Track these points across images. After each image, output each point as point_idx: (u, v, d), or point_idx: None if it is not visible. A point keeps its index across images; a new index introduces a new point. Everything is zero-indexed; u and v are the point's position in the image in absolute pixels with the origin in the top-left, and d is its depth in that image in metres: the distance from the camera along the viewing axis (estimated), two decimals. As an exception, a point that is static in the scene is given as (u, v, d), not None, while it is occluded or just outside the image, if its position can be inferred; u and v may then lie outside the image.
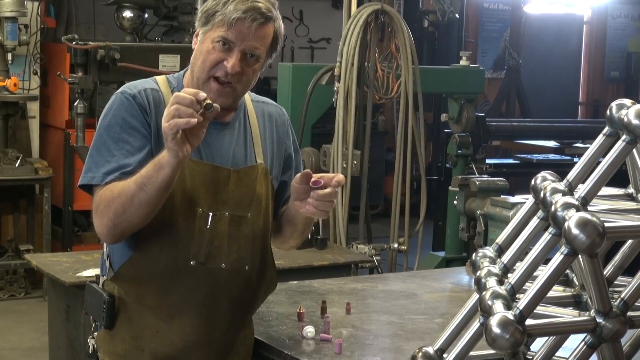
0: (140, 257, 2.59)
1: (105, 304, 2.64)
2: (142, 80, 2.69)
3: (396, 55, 6.11)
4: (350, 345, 2.87)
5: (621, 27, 13.12)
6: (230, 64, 2.55)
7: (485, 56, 12.07)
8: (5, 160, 7.20)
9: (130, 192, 2.43)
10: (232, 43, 2.56)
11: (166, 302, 2.61)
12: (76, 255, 4.88)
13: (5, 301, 7.21)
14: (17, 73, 7.55)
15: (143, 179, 2.42)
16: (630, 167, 2.03)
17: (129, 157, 2.52)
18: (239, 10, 2.53)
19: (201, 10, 2.64)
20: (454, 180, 5.58)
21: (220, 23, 2.55)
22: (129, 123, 2.55)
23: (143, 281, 2.61)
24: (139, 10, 7.74)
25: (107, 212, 2.47)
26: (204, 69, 2.58)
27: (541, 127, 8.58)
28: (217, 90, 2.58)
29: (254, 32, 2.56)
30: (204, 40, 2.60)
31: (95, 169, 2.52)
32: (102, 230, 2.51)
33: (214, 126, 2.63)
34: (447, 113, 6.90)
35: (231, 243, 2.63)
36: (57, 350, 4.56)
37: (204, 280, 2.61)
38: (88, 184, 2.53)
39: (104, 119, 2.59)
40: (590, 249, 1.77)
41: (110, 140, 2.54)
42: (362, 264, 5.31)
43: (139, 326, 2.63)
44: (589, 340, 1.92)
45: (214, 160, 2.63)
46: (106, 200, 2.47)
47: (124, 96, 2.59)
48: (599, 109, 12.58)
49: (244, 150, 2.70)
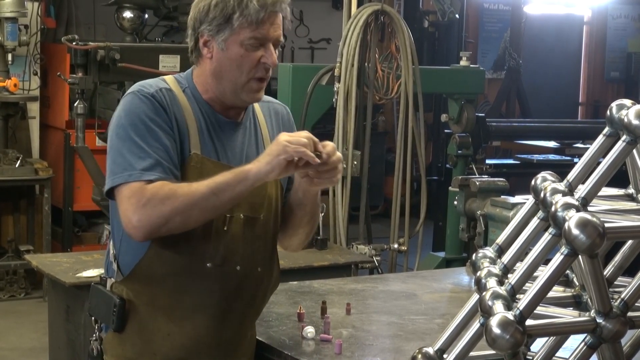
0: (155, 258, 2.56)
1: (116, 307, 2.59)
2: (151, 80, 2.65)
3: (396, 55, 6.11)
4: (351, 345, 2.87)
5: (621, 27, 13.11)
6: (271, 59, 2.55)
7: (485, 56, 12.07)
8: (5, 160, 7.21)
9: (200, 195, 2.42)
10: (264, 39, 2.53)
11: (180, 304, 2.59)
12: (76, 256, 4.88)
13: (6, 302, 7.21)
14: (17, 73, 7.55)
15: (219, 185, 2.42)
16: (630, 167, 2.03)
17: (161, 153, 2.49)
18: (263, 7, 2.50)
19: (207, 20, 2.55)
20: (454, 180, 5.58)
21: (244, 24, 2.51)
22: (154, 121, 2.51)
23: (157, 282, 2.57)
24: (139, 10, 7.74)
25: (161, 208, 2.42)
26: (243, 74, 2.55)
27: (541, 127, 8.58)
28: (257, 87, 2.58)
29: (280, 21, 2.56)
30: (227, 47, 2.54)
31: (130, 167, 2.46)
32: (144, 224, 2.44)
33: (229, 126, 2.63)
34: (447, 113, 6.89)
35: (246, 245, 2.63)
36: (57, 351, 4.56)
37: (219, 282, 2.60)
38: (125, 182, 2.46)
39: (124, 118, 2.53)
40: (591, 249, 1.77)
41: (138, 137, 2.49)
42: (362, 264, 5.31)
43: (149, 329, 2.60)
44: (589, 340, 1.92)
45: (228, 160, 2.62)
46: (162, 196, 2.42)
47: (141, 95, 2.54)
48: (599, 109, 12.58)
49: (256, 151, 2.68)
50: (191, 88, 2.62)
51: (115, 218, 2.59)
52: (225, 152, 2.62)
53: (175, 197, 2.42)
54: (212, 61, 2.58)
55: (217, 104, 2.63)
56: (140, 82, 2.63)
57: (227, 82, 2.58)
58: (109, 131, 2.59)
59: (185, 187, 2.44)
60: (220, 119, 2.64)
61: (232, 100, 2.63)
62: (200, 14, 2.57)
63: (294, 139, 2.43)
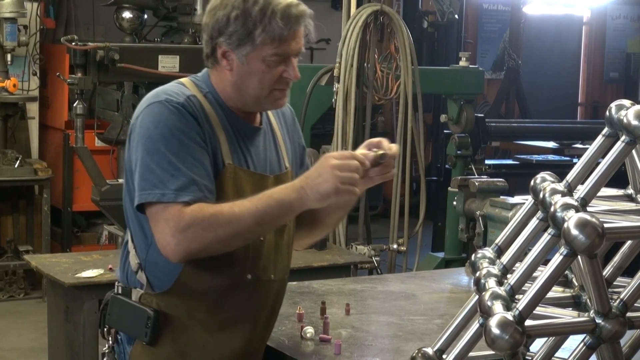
0: (195, 273, 2.48)
1: (150, 320, 2.50)
2: (172, 85, 2.54)
3: (395, 56, 6.11)
4: (350, 346, 2.87)
5: (620, 28, 13.12)
6: (292, 74, 2.50)
7: (484, 57, 12.07)
8: (4, 161, 7.20)
9: (244, 225, 2.36)
10: (286, 53, 2.48)
11: (219, 317, 2.54)
12: (75, 256, 4.88)
13: (5, 302, 7.21)
14: (16, 74, 7.55)
15: (263, 216, 2.36)
16: (629, 167, 2.03)
17: (195, 169, 2.40)
18: (287, 24, 2.44)
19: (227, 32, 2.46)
20: (454, 181, 5.58)
21: (267, 41, 2.44)
22: (187, 134, 2.42)
23: (197, 296, 2.51)
24: (138, 11, 7.74)
25: (203, 235, 2.35)
26: (264, 87, 2.50)
27: (540, 127, 8.58)
28: (281, 96, 2.54)
29: (301, 34, 2.51)
30: (248, 61, 2.47)
31: (163, 185, 2.37)
32: (183, 249, 2.36)
33: (252, 131, 2.59)
34: (447, 114, 6.90)
35: (277, 253, 2.61)
36: (57, 351, 4.56)
37: (257, 292, 2.57)
38: (159, 201, 2.38)
39: (154, 130, 2.42)
40: (590, 249, 1.77)
41: (170, 153, 2.39)
42: (361, 264, 5.31)
43: (183, 341, 2.54)
44: (588, 341, 1.92)
45: (256, 167, 2.57)
46: (203, 223, 2.34)
47: (171, 105, 2.44)
48: (598, 109, 12.58)
49: (276, 155, 2.64)
50: (213, 93, 2.54)
51: (139, 228, 2.52)
52: (252, 158, 2.56)
53: (218, 225, 2.35)
54: (232, 73, 2.51)
55: (238, 110, 2.57)
56: (161, 89, 2.53)
57: (248, 95, 2.52)
58: (133, 141, 2.47)
59: (227, 214, 2.36)
60: (243, 124, 2.58)
61: (254, 109, 2.59)
62: (218, 24, 2.47)
63: (344, 165, 2.34)
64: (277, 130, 2.69)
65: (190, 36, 7.47)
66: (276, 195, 2.39)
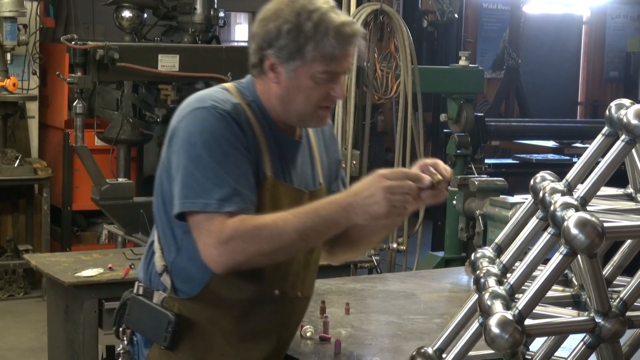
0: (223, 282, 2.44)
1: (171, 325, 2.46)
2: (216, 91, 2.48)
3: (395, 55, 6.12)
4: (349, 345, 2.87)
5: (620, 27, 13.12)
6: (339, 93, 2.45)
7: (484, 56, 12.07)
8: (4, 160, 7.20)
9: (288, 239, 2.31)
10: (336, 72, 2.42)
11: (241, 328, 2.50)
12: (75, 255, 4.87)
13: (4, 301, 7.21)
14: (16, 73, 7.55)
15: (308, 232, 2.31)
16: (629, 167, 2.03)
17: (239, 179, 2.35)
18: (340, 42, 2.38)
19: (277, 45, 2.40)
20: (453, 180, 5.57)
21: (317, 58, 2.39)
22: (232, 143, 2.37)
23: (223, 306, 2.48)
24: (138, 10, 7.73)
25: (246, 247, 2.31)
26: (310, 104, 2.44)
27: (540, 127, 8.58)
28: (325, 114, 2.48)
29: (352, 53, 2.45)
30: (296, 76, 2.41)
31: (206, 194, 2.32)
32: (226, 260, 2.32)
33: (292, 144, 2.54)
34: (446, 113, 6.89)
35: (306, 270, 2.58)
36: (56, 350, 4.56)
37: (282, 308, 2.54)
38: (202, 210, 2.33)
39: (199, 137, 2.37)
40: (590, 249, 1.77)
41: (215, 161, 2.34)
42: (361, 264, 5.30)
43: (202, 348, 2.50)
44: (588, 340, 1.92)
45: (293, 182, 2.52)
46: (246, 235, 2.30)
47: (217, 112, 2.38)
48: (598, 109, 12.58)
49: (311, 170, 2.60)
50: (257, 102, 2.48)
51: (168, 231, 2.48)
52: (289, 172, 2.52)
53: (261, 238, 2.31)
54: (278, 86, 2.45)
55: (280, 122, 2.51)
56: (206, 93, 2.47)
57: (293, 110, 2.46)
58: (175, 145, 2.41)
59: (271, 227, 2.31)
60: (284, 137, 2.52)
61: (297, 124, 2.54)
62: (268, 36, 2.41)
63: (397, 186, 2.27)
64: (315, 145, 2.64)
65: (190, 35, 7.45)
66: (322, 211, 2.33)
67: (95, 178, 5.94)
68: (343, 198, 2.34)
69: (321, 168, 2.64)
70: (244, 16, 12.01)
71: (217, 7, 7.54)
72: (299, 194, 2.51)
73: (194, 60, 6.33)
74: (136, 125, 7.32)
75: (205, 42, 7.39)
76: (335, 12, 2.42)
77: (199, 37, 7.39)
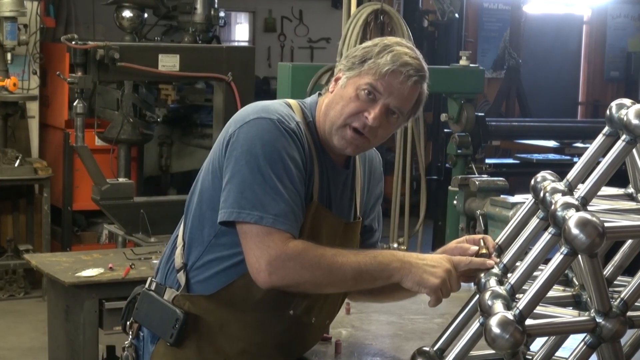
0: (242, 290, 2.43)
1: (178, 322, 2.46)
2: (280, 105, 2.49)
3: (396, 55, 6.11)
4: (350, 345, 2.86)
5: (621, 27, 13.11)
6: (371, 116, 2.41)
7: (485, 56, 12.07)
8: (4, 160, 7.20)
9: (342, 276, 2.33)
10: (379, 94, 2.41)
11: (248, 338, 2.50)
12: (75, 255, 4.88)
13: (5, 301, 7.21)
14: (16, 73, 7.55)
15: (363, 273, 2.33)
16: (630, 167, 2.03)
17: (294, 198, 2.35)
18: (395, 63, 2.41)
19: (348, 55, 2.49)
20: (454, 180, 5.57)
21: (370, 71, 2.42)
22: (293, 160, 2.37)
23: (235, 312, 2.47)
24: (138, 10, 7.74)
25: (300, 273, 2.32)
26: (342, 115, 2.43)
27: (541, 127, 8.58)
28: (351, 138, 2.44)
29: (405, 89, 2.42)
30: (347, 85, 2.44)
31: (262, 208, 2.31)
32: (276, 279, 2.33)
33: (337, 173, 2.53)
34: (447, 113, 6.88)
35: (327, 298, 2.56)
36: (57, 350, 4.56)
37: (293, 330, 2.53)
38: (256, 223, 2.32)
39: (259, 147, 2.35)
40: (590, 249, 1.77)
41: (274, 175, 2.33)
42: (361, 263, 5.29)
43: (207, 349, 2.50)
44: (588, 340, 1.92)
45: (334, 210, 2.52)
46: (304, 262, 2.31)
47: (282, 127, 2.38)
48: (598, 108, 12.58)
49: (350, 202, 2.59)
50: (314, 123, 2.50)
51: (198, 230, 2.48)
52: (330, 200, 2.51)
53: (318, 268, 2.32)
54: (331, 95, 2.49)
55: (326, 145, 2.50)
56: (270, 106, 2.46)
57: (329, 119, 2.47)
58: (234, 151, 2.39)
59: (330, 260, 2.32)
60: (332, 163, 2.52)
61: (328, 137, 2.50)
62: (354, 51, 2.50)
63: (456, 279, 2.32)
64: (359, 177, 2.63)
65: (190, 35, 7.46)
66: (380, 258, 2.35)
67: (96, 178, 5.94)
68: (406, 255, 2.38)
69: (360, 201, 2.63)
70: (244, 16, 12.03)
71: (217, 7, 7.55)
72: (337, 223, 2.52)
73: (194, 60, 6.33)
74: (136, 125, 7.33)
75: (206, 42, 7.40)
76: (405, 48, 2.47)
77: (199, 37, 7.40)
